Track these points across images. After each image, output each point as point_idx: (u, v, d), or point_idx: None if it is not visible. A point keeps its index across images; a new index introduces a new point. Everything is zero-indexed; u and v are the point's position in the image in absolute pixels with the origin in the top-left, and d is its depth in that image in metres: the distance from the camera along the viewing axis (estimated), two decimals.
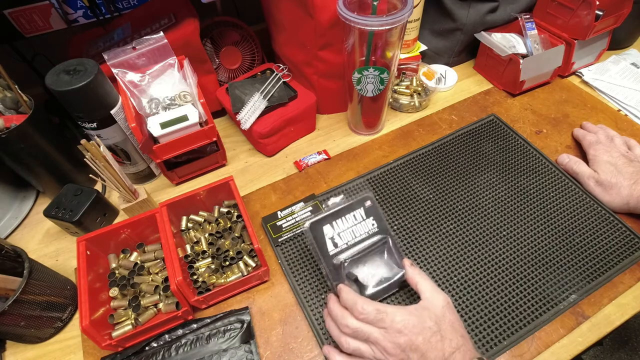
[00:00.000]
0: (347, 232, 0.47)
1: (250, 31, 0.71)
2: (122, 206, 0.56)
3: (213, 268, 0.50)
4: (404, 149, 0.66)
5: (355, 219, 0.48)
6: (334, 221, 0.47)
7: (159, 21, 0.60)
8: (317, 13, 0.56)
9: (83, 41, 0.61)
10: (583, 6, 0.65)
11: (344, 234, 0.47)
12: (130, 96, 0.56)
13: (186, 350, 0.45)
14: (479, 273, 0.50)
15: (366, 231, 0.48)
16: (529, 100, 0.72)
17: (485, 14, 0.71)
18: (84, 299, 0.44)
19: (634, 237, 0.52)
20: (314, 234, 0.46)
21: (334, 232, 0.47)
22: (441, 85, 0.75)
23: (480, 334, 0.46)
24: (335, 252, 0.46)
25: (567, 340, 0.45)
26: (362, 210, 0.48)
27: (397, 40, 0.53)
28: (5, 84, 0.54)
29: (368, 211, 0.49)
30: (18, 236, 0.59)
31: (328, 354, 0.43)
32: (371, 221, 0.48)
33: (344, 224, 0.47)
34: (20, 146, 0.52)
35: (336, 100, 0.70)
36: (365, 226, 0.48)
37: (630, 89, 0.72)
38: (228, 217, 0.55)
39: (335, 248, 0.46)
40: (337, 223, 0.47)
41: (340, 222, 0.47)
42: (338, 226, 0.47)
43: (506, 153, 0.64)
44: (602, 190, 0.55)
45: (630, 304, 0.47)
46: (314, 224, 0.46)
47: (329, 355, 0.43)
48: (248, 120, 0.61)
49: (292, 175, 0.63)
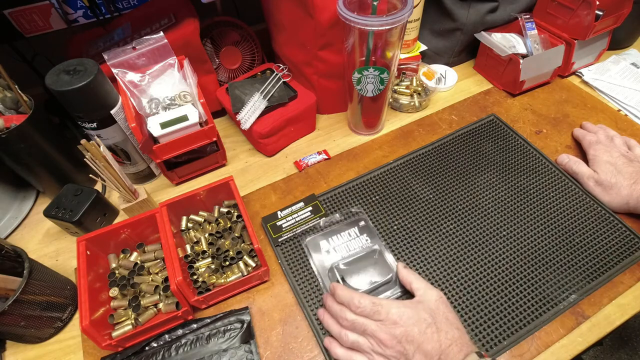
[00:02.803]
0: (341, 246, 0.53)
1: (250, 31, 0.71)
2: (122, 206, 0.56)
3: (213, 268, 0.50)
4: (404, 149, 0.66)
5: (350, 235, 0.54)
6: (329, 237, 0.53)
7: (159, 21, 0.60)
8: (317, 13, 0.56)
9: (83, 41, 0.61)
10: (583, 6, 0.65)
11: (339, 248, 0.53)
12: (130, 96, 0.56)
13: (186, 350, 0.45)
14: (479, 273, 0.50)
15: (360, 246, 0.53)
16: (529, 100, 0.72)
17: (485, 14, 0.71)
18: (84, 299, 0.44)
19: (634, 237, 0.52)
20: (310, 248, 0.53)
21: (329, 247, 0.53)
22: (441, 85, 0.75)
23: (480, 334, 0.46)
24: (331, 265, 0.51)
25: (567, 340, 0.45)
26: (356, 229, 0.54)
27: (397, 40, 0.53)
28: (5, 84, 0.54)
29: (362, 230, 0.54)
30: (18, 236, 0.59)
31: (329, 346, 0.43)
32: (365, 237, 0.54)
33: (339, 239, 0.53)
34: (20, 146, 0.52)
35: (336, 100, 0.70)
36: (359, 242, 0.53)
37: (630, 89, 0.72)
38: (228, 217, 0.55)
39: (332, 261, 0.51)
40: (333, 239, 0.53)
41: (336, 238, 0.54)
42: (334, 241, 0.53)
43: (506, 153, 0.64)
44: (601, 190, 0.55)
45: (630, 304, 0.47)
46: (311, 240, 0.53)
47: (329, 347, 0.43)
48: (248, 120, 0.61)
49: (292, 175, 0.63)
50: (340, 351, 0.42)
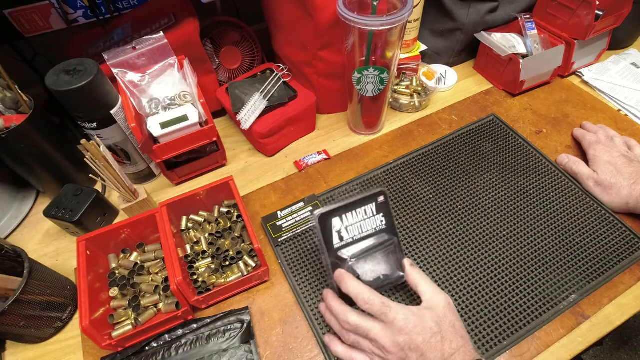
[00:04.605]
0: (354, 226, 0.47)
1: (250, 31, 0.71)
2: (122, 206, 0.56)
3: (213, 268, 0.50)
4: (404, 149, 0.66)
5: (366, 213, 0.47)
6: (343, 214, 0.46)
7: (159, 21, 0.60)
8: (317, 13, 0.56)
9: (83, 41, 0.61)
10: (583, 6, 0.65)
11: (351, 228, 0.46)
12: (130, 96, 0.56)
13: (186, 350, 0.45)
14: (479, 273, 0.50)
15: (374, 227, 0.47)
16: (529, 100, 0.72)
17: (485, 14, 0.71)
18: (84, 299, 0.44)
19: (634, 237, 0.52)
20: (322, 225, 0.45)
21: (341, 225, 0.46)
22: (441, 85, 0.75)
23: (480, 334, 0.46)
24: (340, 246, 0.46)
25: (567, 340, 0.45)
26: (373, 205, 0.47)
27: (397, 40, 0.53)
28: (5, 84, 0.54)
29: (379, 207, 0.48)
30: (18, 236, 0.59)
31: (329, 343, 0.43)
32: (380, 217, 0.47)
33: (353, 218, 0.47)
34: (20, 146, 0.52)
35: (336, 100, 0.70)
36: (373, 222, 0.47)
37: (630, 89, 0.72)
38: (228, 217, 0.55)
39: (341, 242, 0.46)
40: (347, 216, 0.46)
41: (350, 216, 0.46)
42: (347, 219, 0.46)
43: (506, 153, 0.64)
44: (601, 190, 0.55)
45: (630, 304, 0.47)
46: (324, 215, 0.45)
47: (330, 344, 0.43)
48: (248, 120, 0.61)
49: (292, 175, 0.63)
50: (340, 349, 0.42)
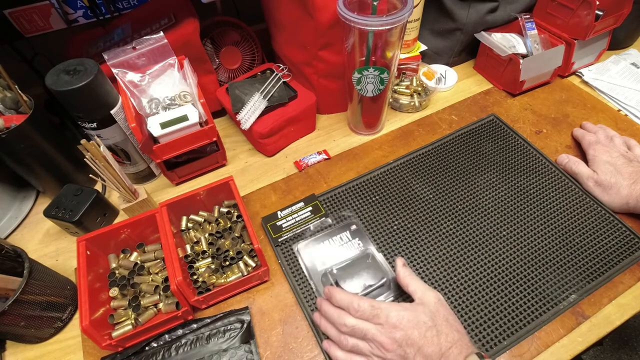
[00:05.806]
0: (333, 251, 0.53)
1: (250, 31, 0.71)
2: (122, 206, 0.56)
3: (213, 268, 0.50)
4: (404, 149, 0.66)
5: (342, 240, 0.54)
6: (321, 242, 0.53)
7: (159, 21, 0.60)
8: (317, 13, 0.56)
9: (83, 41, 0.61)
10: (583, 6, 0.65)
11: (331, 253, 0.52)
12: (130, 96, 0.56)
13: (186, 350, 0.45)
14: (479, 273, 0.50)
15: (352, 250, 0.53)
16: (529, 100, 0.72)
17: (485, 14, 0.71)
18: (84, 299, 0.44)
19: (633, 237, 0.52)
20: (302, 254, 0.52)
21: (321, 252, 0.52)
22: (441, 85, 0.75)
23: (480, 334, 0.46)
24: (324, 270, 0.51)
25: (567, 340, 0.45)
26: (347, 233, 0.54)
27: (397, 40, 0.53)
28: (5, 84, 0.54)
29: (354, 234, 0.54)
30: (18, 236, 0.59)
31: (328, 349, 0.43)
32: (357, 241, 0.54)
33: (330, 244, 0.53)
34: (20, 146, 0.52)
35: (336, 100, 0.70)
36: (351, 246, 0.53)
37: (630, 89, 0.72)
38: (228, 217, 0.55)
39: (324, 266, 0.51)
40: (325, 244, 0.53)
41: (328, 243, 0.53)
42: (325, 247, 0.53)
43: (506, 153, 0.64)
44: (601, 190, 0.55)
45: (630, 304, 0.47)
46: (303, 246, 0.53)
47: (329, 350, 0.43)
48: (248, 120, 0.61)
49: (292, 175, 0.63)
50: (340, 354, 0.42)
